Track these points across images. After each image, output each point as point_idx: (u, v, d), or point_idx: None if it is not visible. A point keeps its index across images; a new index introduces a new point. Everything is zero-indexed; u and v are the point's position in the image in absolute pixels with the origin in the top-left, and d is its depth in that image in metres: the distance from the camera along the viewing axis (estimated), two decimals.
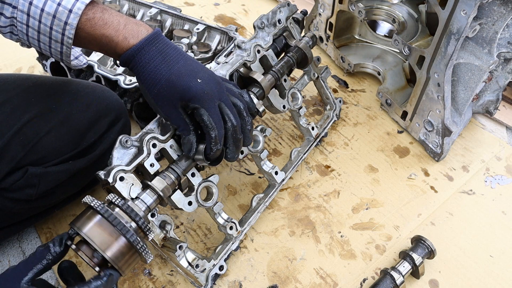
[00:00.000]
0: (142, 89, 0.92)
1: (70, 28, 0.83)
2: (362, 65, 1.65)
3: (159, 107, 0.91)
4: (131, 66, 0.89)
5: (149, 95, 0.90)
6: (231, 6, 2.10)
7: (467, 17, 1.05)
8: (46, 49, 0.89)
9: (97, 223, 0.82)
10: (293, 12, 1.31)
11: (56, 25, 0.83)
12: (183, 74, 0.89)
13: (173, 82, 0.88)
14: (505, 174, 1.36)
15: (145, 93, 0.92)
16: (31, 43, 0.89)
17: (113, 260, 0.81)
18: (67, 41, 0.86)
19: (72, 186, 1.15)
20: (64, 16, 0.82)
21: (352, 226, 1.25)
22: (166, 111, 0.91)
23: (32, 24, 0.84)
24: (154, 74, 0.88)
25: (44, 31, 0.85)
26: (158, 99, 0.90)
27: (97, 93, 1.14)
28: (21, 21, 0.84)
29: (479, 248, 1.20)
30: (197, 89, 0.89)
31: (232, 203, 1.32)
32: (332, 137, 1.49)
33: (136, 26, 0.89)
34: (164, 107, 0.91)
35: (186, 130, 0.93)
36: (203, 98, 0.89)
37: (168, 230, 0.99)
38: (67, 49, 0.88)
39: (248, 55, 1.18)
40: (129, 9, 1.71)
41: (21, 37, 0.88)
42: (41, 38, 0.87)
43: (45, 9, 0.82)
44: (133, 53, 0.87)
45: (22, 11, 0.83)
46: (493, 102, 1.42)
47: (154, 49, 0.88)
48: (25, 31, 0.86)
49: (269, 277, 1.16)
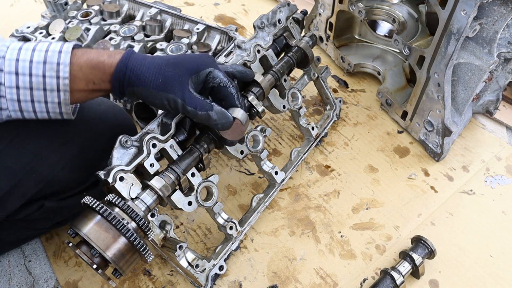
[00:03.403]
0: (145, 92, 0.87)
1: (64, 66, 0.81)
2: (362, 65, 1.65)
3: (170, 93, 0.87)
4: (127, 74, 0.86)
5: (155, 88, 0.87)
6: (231, 6, 2.10)
7: (467, 17, 1.05)
8: (41, 109, 0.84)
9: (97, 223, 0.82)
10: (293, 12, 1.31)
11: (48, 70, 0.81)
12: (179, 56, 0.91)
13: (175, 62, 0.88)
14: (505, 174, 1.36)
15: (149, 93, 0.87)
16: (23, 109, 0.84)
17: (113, 260, 0.81)
18: (64, 82, 0.82)
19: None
20: (55, 58, 0.81)
21: (352, 226, 1.25)
22: (180, 93, 0.87)
23: (22, 83, 0.81)
24: (153, 66, 0.87)
25: (36, 84, 0.81)
26: (167, 84, 0.86)
27: (109, 118, 1.10)
28: (9, 85, 0.80)
29: (479, 248, 1.20)
30: (200, 57, 0.91)
31: (232, 203, 1.32)
32: (332, 137, 1.49)
33: (112, 51, 0.89)
34: (176, 88, 0.87)
35: (207, 105, 0.89)
36: (210, 62, 0.92)
37: (168, 230, 0.99)
38: (64, 95, 0.83)
39: (248, 55, 1.17)
40: (129, 9, 1.71)
41: (10, 108, 0.83)
42: (35, 95, 0.82)
43: (33, 60, 0.80)
44: (125, 61, 0.86)
45: (9, 72, 0.79)
46: (493, 102, 1.42)
47: (140, 54, 0.90)
48: (15, 96, 0.81)
49: (269, 277, 1.15)
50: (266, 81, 1.15)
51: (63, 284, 1.16)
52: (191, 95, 0.88)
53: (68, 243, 0.82)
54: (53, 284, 1.17)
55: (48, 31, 1.59)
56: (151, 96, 0.88)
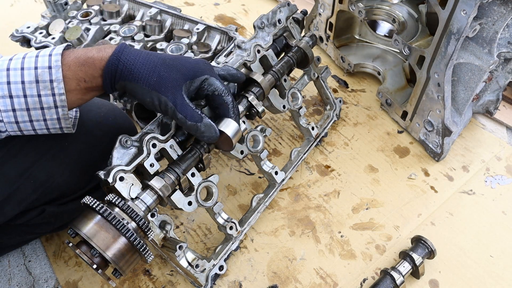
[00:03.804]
0: (137, 88, 0.84)
1: (58, 83, 0.79)
2: (362, 65, 1.65)
3: (163, 94, 0.84)
4: (119, 68, 0.83)
5: (148, 86, 0.84)
6: (231, 6, 2.10)
7: (467, 17, 1.05)
8: (41, 127, 0.83)
9: (97, 223, 0.82)
10: (293, 12, 1.31)
11: (42, 89, 0.79)
12: (175, 56, 0.88)
13: (171, 64, 0.86)
14: (505, 174, 1.36)
15: (141, 89, 0.84)
16: (23, 129, 0.83)
17: (113, 260, 0.81)
18: (60, 98, 0.80)
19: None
20: (46, 75, 0.78)
21: (352, 226, 1.25)
22: (172, 97, 0.84)
23: (18, 105, 0.79)
24: (148, 63, 0.84)
25: (33, 104, 0.79)
26: (161, 85, 0.84)
27: (109, 121, 1.08)
28: (5, 109, 0.78)
29: (479, 248, 1.20)
30: (197, 62, 0.88)
31: (232, 203, 1.32)
32: (332, 137, 1.49)
33: (101, 46, 0.86)
34: (169, 92, 0.84)
35: (196, 116, 0.87)
36: (206, 68, 0.89)
37: (168, 230, 0.99)
38: (63, 110, 0.82)
39: (248, 55, 1.17)
40: (129, 9, 1.71)
41: (9, 130, 0.82)
42: (33, 115, 0.81)
43: (25, 80, 0.78)
44: (117, 56, 0.83)
45: (2, 96, 0.77)
46: (493, 102, 1.42)
47: (133, 49, 0.86)
48: (13, 119, 0.80)
49: (269, 277, 1.15)
50: (266, 81, 1.15)
51: (63, 284, 1.16)
52: (183, 102, 0.86)
53: (68, 243, 0.82)
54: (53, 284, 1.17)
55: (48, 31, 1.59)
56: (142, 93, 0.85)
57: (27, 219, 1.02)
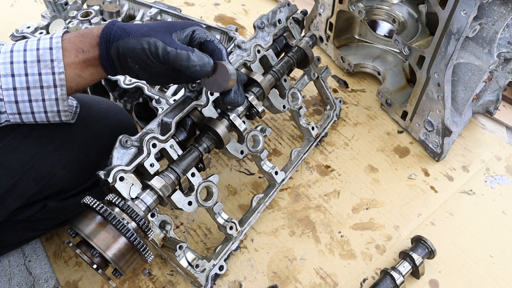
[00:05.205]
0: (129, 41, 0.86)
1: (58, 62, 0.83)
2: (362, 65, 1.65)
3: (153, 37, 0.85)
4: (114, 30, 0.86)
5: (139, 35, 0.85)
6: (231, 6, 2.10)
7: (467, 17, 1.05)
8: (39, 108, 0.85)
9: (97, 223, 0.82)
10: (293, 12, 1.31)
11: (43, 67, 0.83)
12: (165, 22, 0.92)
13: (160, 23, 0.90)
14: (505, 174, 1.36)
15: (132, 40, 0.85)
16: (21, 111, 0.85)
17: (113, 260, 0.81)
18: (60, 77, 0.84)
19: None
20: (47, 55, 0.83)
21: (352, 226, 1.25)
22: (161, 37, 0.85)
23: (19, 83, 0.82)
24: (140, 24, 0.89)
25: (33, 83, 0.83)
26: (150, 31, 0.86)
27: (110, 117, 1.11)
28: (6, 88, 0.82)
29: (479, 248, 1.20)
30: (187, 21, 0.92)
31: (232, 203, 1.32)
32: (332, 137, 1.49)
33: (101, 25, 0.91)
34: (159, 35, 0.85)
35: (188, 48, 0.86)
36: (195, 24, 0.92)
37: (168, 230, 0.99)
38: (61, 90, 0.85)
39: (248, 55, 1.18)
40: (129, 9, 1.71)
41: (8, 111, 0.84)
42: (32, 94, 0.83)
43: (27, 60, 0.82)
44: (113, 22, 0.88)
45: (5, 75, 0.81)
46: (493, 102, 1.42)
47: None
48: (13, 97, 0.83)
49: (269, 277, 1.15)
50: (266, 81, 1.15)
51: (63, 284, 1.16)
52: (172, 40, 0.87)
53: (68, 243, 0.82)
54: (53, 284, 1.17)
55: (48, 31, 1.60)
56: (133, 43, 0.85)
57: (30, 214, 1.02)
